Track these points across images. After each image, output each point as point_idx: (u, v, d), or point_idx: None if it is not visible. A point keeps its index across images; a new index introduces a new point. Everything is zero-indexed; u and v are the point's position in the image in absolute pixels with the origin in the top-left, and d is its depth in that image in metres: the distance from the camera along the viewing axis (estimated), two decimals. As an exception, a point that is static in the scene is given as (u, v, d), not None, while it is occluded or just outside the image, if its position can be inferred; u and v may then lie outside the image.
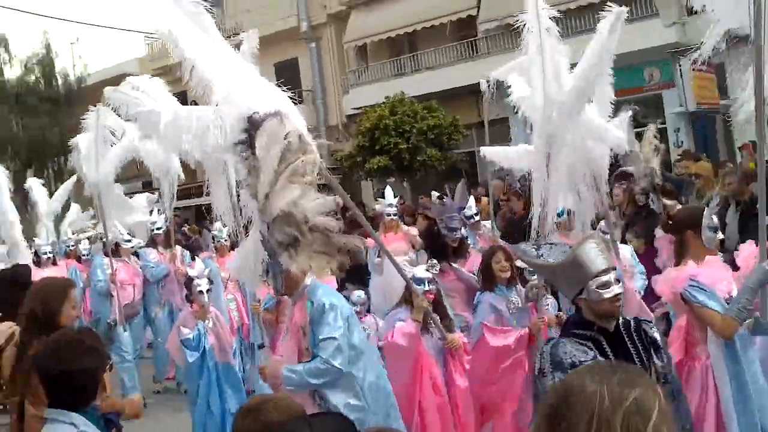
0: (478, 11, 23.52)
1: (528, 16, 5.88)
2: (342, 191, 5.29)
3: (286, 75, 28.84)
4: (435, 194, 13.24)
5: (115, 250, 10.04)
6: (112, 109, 6.70)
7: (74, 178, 13.03)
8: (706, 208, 5.42)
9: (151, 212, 11.28)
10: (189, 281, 7.47)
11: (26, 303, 4.62)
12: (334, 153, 26.65)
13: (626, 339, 3.75)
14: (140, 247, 11.02)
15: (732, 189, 9.04)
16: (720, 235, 5.32)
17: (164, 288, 10.88)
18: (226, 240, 9.75)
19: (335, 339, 4.80)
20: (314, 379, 4.79)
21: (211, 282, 7.49)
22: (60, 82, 33.31)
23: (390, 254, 5.80)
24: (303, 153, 4.48)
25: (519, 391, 6.23)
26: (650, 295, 6.40)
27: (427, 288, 6.11)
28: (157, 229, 10.99)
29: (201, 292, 7.34)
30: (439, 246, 7.84)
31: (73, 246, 13.09)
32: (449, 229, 7.97)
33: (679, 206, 7.84)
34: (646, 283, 6.76)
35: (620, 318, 3.82)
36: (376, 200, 18.06)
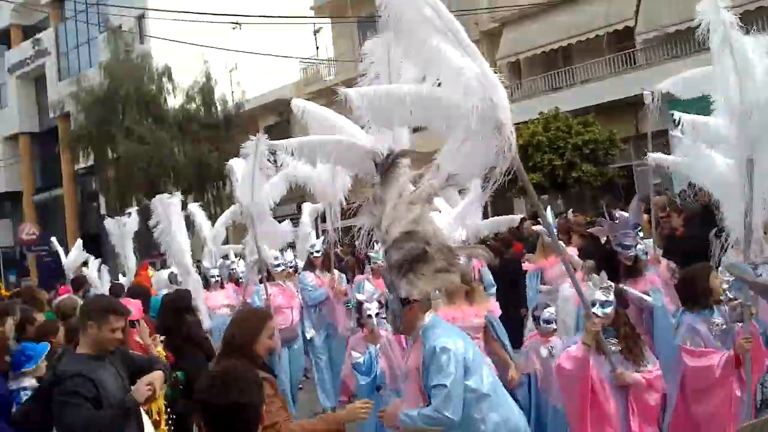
0: (635, 22, 22.75)
1: (707, 14, 5.38)
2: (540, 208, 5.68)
3: (438, 94, 29.03)
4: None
5: (268, 276, 10.00)
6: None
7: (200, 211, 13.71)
8: None
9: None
10: (359, 305, 7.48)
11: (227, 328, 4.72)
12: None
13: None
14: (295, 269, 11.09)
15: None
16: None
17: (321, 312, 10.79)
18: (382, 262, 9.56)
19: (445, 386, 4.62)
20: (428, 425, 4.66)
21: (381, 305, 7.35)
22: (219, 108, 34.50)
23: (574, 277, 5.53)
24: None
25: (728, 416, 5.69)
26: None
27: (600, 311, 5.63)
28: (317, 252, 10.96)
29: (370, 315, 7.34)
30: (613, 265, 7.34)
31: (234, 269, 13.20)
32: (623, 247, 7.51)
33: None
34: None
35: None
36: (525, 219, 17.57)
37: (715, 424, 5.74)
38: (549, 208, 9.79)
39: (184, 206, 12.69)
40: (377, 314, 7.30)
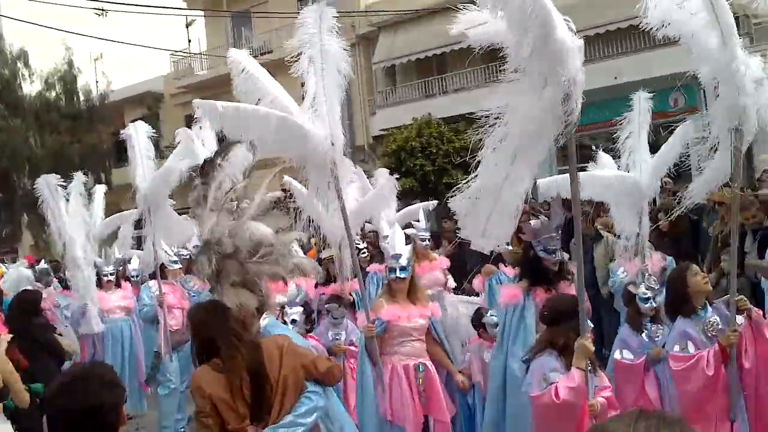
0: (508, 33, 23.19)
1: None
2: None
3: (313, 94, 28.79)
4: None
5: (161, 272, 9.24)
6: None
7: (101, 192, 12.09)
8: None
9: None
10: (279, 309, 6.71)
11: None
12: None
13: None
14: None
15: (756, 221, 8.86)
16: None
17: None
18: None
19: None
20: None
21: (306, 310, 6.94)
22: (82, 98, 33.07)
23: None
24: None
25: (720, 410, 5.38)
26: None
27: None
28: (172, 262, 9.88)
29: (295, 321, 6.74)
30: (540, 271, 6.66)
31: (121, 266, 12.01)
32: (548, 251, 6.82)
33: None
34: None
35: None
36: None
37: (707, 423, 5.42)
38: (421, 211, 9.52)
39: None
40: (294, 321, 6.73)
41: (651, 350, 6.25)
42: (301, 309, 6.84)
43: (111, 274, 10.63)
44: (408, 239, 8.53)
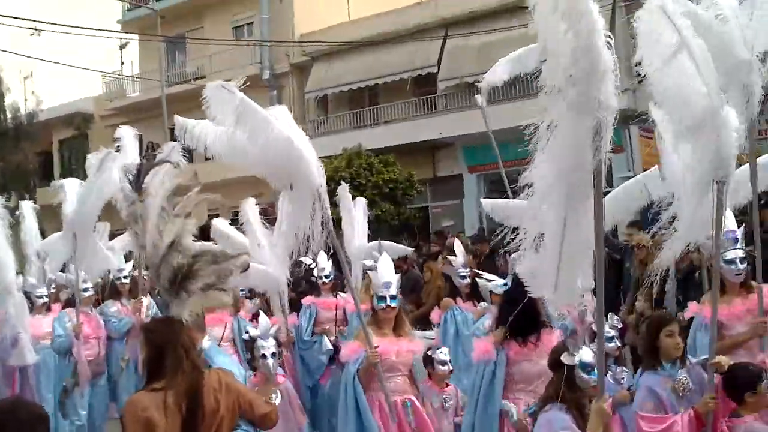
0: (438, 69, 23.69)
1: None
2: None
3: (245, 121, 28.86)
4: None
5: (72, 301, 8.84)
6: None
7: (29, 208, 11.16)
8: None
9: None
10: (250, 342, 6.39)
11: None
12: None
13: None
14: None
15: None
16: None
17: (128, 344, 9.10)
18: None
19: None
20: None
21: (279, 344, 6.48)
22: (9, 116, 32.49)
23: None
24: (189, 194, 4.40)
25: None
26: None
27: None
28: (124, 278, 9.50)
29: (265, 356, 6.19)
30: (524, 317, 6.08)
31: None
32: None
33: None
34: None
35: None
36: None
37: None
38: (321, 253, 9.52)
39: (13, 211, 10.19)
40: (273, 354, 6.25)
41: (617, 393, 5.69)
42: (275, 342, 6.34)
43: (45, 296, 9.70)
44: (364, 274, 8.62)
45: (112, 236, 10.56)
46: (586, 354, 4.39)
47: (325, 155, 23.78)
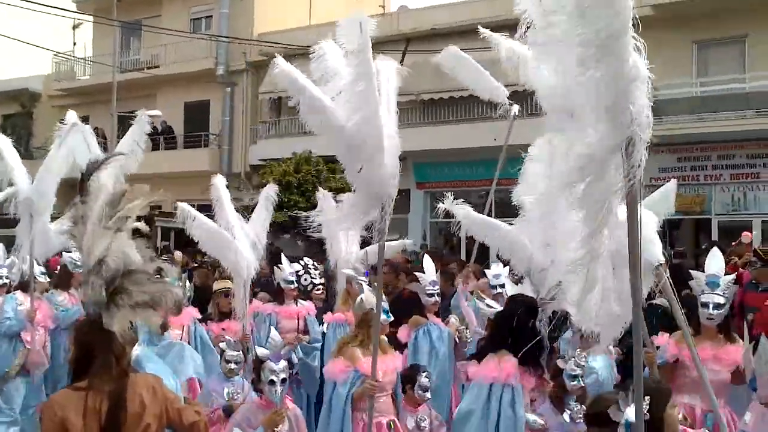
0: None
1: None
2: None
3: (196, 116, 28.56)
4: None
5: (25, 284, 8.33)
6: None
7: None
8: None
9: None
10: (258, 362, 5.45)
11: None
12: (233, 201, 26.06)
13: None
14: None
15: None
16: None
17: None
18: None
19: None
20: None
21: (291, 367, 5.81)
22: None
23: None
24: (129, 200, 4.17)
25: None
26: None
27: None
28: (78, 266, 8.37)
29: (273, 382, 5.28)
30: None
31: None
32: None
33: None
34: None
35: None
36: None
37: None
38: (283, 257, 9.28)
39: None
40: (284, 381, 5.35)
41: None
42: (286, 364, 5.46)
43: (4, 277, 8.78)
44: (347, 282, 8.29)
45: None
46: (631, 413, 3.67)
47: (274, 158, 23.78)
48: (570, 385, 5.66)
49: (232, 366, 6.30)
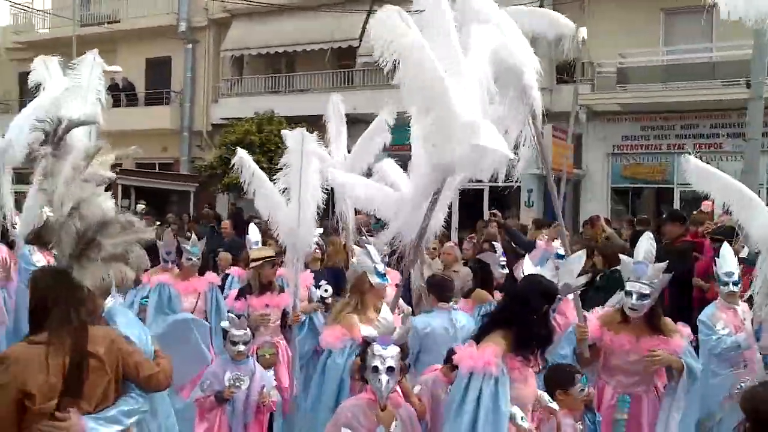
0: (359, 43, 23.41)
1: None
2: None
3: (157, 72, 28.06)
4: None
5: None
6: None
7: None
8: None
9: None
10: (365, 345, 4.67)
11: None
12: (195, 160, 25.77)
13: None
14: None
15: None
16: None
17: None
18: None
19: None
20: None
21: (405, 356, 4.67)
22: None
23: None
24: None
25: None
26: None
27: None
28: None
29: (377, 369, 4.46)
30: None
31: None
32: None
33: None
34: None
35: None
36: (230, 217, 17.39)
37: None
38: (252, 225, 9.11)
39: None
40: (390, 369, 4.51)
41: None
42: (398, 351, 4.54)
43: None
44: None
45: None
46: None
47: (236, 117, 23.48)
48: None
49: (241, 348, 5.84)
